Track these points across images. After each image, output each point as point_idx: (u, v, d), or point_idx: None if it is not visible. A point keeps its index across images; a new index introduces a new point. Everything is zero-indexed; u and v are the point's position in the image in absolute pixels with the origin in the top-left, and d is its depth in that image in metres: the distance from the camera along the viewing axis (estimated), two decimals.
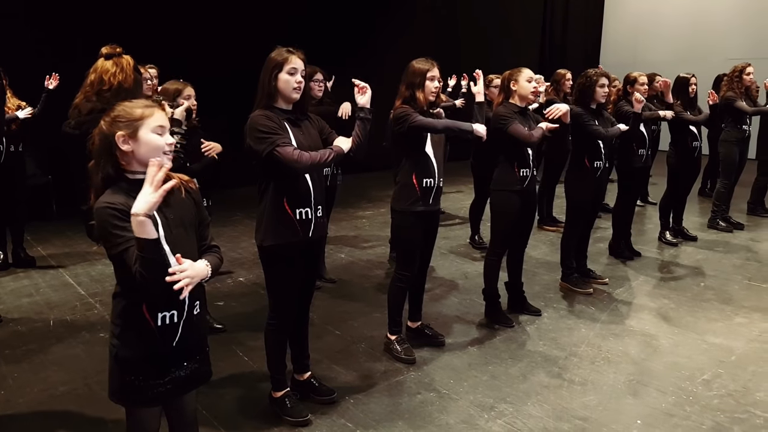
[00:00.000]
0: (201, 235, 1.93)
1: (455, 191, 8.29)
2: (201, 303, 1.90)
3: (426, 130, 3.18)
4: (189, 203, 1.88)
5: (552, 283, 4.66)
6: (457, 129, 3.24)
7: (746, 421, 2.82)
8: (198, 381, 1.95)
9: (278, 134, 2.47)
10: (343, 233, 6.16)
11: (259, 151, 2.47)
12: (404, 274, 3.36)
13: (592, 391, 3.09)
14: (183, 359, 1.85)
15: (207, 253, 1.90)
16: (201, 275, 1.75)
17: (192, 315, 1.85)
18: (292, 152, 2.45)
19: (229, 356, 3.41)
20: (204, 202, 3.36)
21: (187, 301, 1.81)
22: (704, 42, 12.11)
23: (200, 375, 1.94)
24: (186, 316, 1.82)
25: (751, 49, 11.06)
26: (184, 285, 1.66)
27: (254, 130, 2.48)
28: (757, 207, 7.02)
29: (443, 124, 3.22)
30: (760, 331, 3.84)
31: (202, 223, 1.93)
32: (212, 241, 1.96)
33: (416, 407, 2.91)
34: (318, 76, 4.14)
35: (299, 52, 2.57)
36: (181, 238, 1.79)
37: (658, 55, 12.35)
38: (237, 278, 4.75)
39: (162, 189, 1.58)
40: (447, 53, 10.22)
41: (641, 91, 4.96)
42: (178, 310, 1.80)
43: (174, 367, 1.83)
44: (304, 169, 2.51)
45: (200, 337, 1.94)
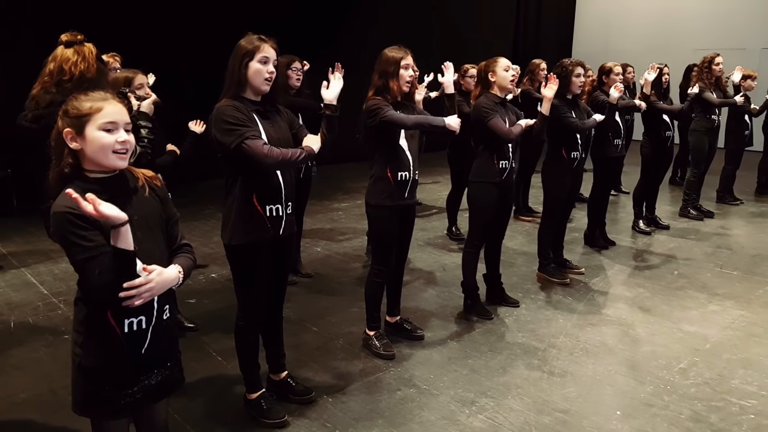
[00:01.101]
0: (170, 235, 1.82)
1: (432, 182, 8.24)
2: (171, 307, 1.80)
3: (396, 125, 3.08)
4: (154, 202, 1.77)
5: (529, 274, 4.65)
6: (429, 124, 3.17)
7: (723, 409, 2.84)
8: (169, 389, 1.85)
9: (247, 126, 2.36)
10: (319, 226, 6.07)
11: (226, 144, 2.35)
12: (381, 269, 3.30)
13: (572, 382, 3.08)
14: (153, 367, 1.76)
15: (178, 254, 1.80)
16: (170, 283, 1.67)
17: (161, 320, 1.74)
18: (261, 146, 2.34)
19: (201, 357, 3.31)
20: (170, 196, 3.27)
21: (156, 306, 1.71)
22: (673, 33, 12.28)
23: (172, 382, 1.85)
24: (155, 322, 1.72)
25: (718, 40, 11.24)
26: (140, 301, 1.58)
27: (221, 121, 2.36)
28: (725, 195, 7.14)
29: (414, 120, 3.12)
30: (733, 318, 3.89)
31: (170, 221, 1.82)
32: (183, 240, 1.86)
33: (396, 404, 2.86)
34: (296, 65, 4.01)
35: (272, 41, 2.46)
36: (147, 240, 1.68)
37: (628, 45, 12.48)
38: (209, 274, 4.63)
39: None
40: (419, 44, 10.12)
41: (617, 81, 4.97)
42: (146, 316, 1.70)
43: (143, 375, 1.73)
44: (273, 165, 2.40)
45: (171, 343, 1.84)
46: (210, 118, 2.42)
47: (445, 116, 3.22)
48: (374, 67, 3.17)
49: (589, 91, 5.08)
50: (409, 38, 3.90)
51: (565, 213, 4.59)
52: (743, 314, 3.95)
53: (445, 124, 3.15)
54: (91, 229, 1.55)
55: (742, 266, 4.90)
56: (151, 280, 1.59)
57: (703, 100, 5.95)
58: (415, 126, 3.15)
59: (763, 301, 4.16)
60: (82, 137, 1.61)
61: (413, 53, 3.16)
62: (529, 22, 13.32)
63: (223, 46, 2.72)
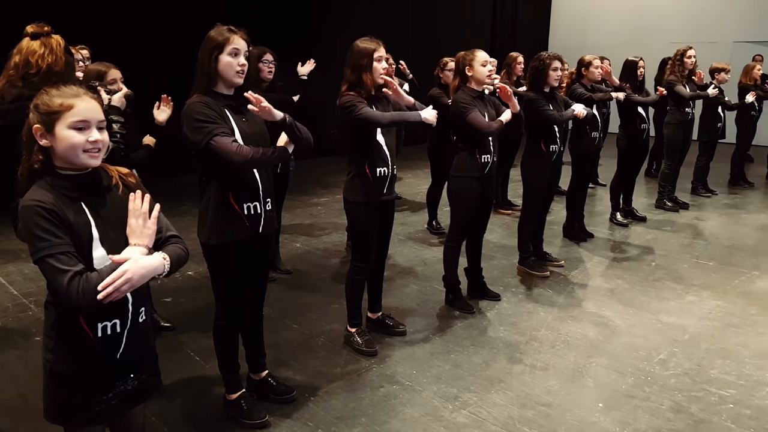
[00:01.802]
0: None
1: (411, 176, 8.21)
2: (147, 309, 1.73)
3: (371, 124, 3.00)
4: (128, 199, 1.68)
5: (509, 267, 4.65)
6: (405, 121, 3.12)
7: (702, 399, 2.87)
8: (146, 393, 1.79)
9: (216, 123, 2.28)
10: (298, 221, 6.00)
11: (196, 142, 2.28)
12: (361, 266, 3.26)
13: (554, 375, 3.08)
14: (129, 371, 1.69)
15: (166, 245, 1.69)
16: (152, 271, 1.55)
17: (137, 323, 1.68)
18: (230, 144, 2.26)
19: (179, 357, 3.24)
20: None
21: (131, 308, 1.64)
22: (648, 26, 12.43)
23: (148, 387, 1.78)
24: (130, 325, 1.65)
25: (692, 33, 11.40)
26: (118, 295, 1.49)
27: (191, 119, 2.28)
28: (699, 187, 7.24)
29: (389, 119, 3.03)
30: (710, 308, 3.93)
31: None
32: (170, 231, 1.74)
33: (379, 401, 2.83)
34: (267, 57, 3.91)
35: (242, 32, 2.37)
36: (122, 240, 1.61)
37: (604, 39, 12.58)
38: (186, 272, 4.54)
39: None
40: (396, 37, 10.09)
41: (596, 74, 4.99)
42: (120, 319, 1.63)
43: (118, 380, 1.67)
44: (243, 164, 2.29)
45: (148, 347, 1.78)
46: (180, 115, 2.34)
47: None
48: (346, 60, 3.06)
49: (567, 84, 5.09)
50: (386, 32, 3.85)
51: (545, 206, 4.60)
52: (720, 304, 3.99)
53: (421, 119, 3.09)
54: (61, 227, 1.48)
55: (718, 257, 4.97)
56: (126, 271, 1.49)
57: (675, 94, 6.01)
58: (391, 124, 3.07)
59: (738, 291, 4.22)
60: (51, 135, 1.53)
61: (386, 44, 3.09)
62: (506, 17, 13.36)
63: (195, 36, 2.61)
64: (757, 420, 2.70)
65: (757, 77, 7.27)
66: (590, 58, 5.00)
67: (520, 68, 5.91)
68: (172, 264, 1.62)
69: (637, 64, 5.47)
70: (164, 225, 1.75)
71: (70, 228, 1.51)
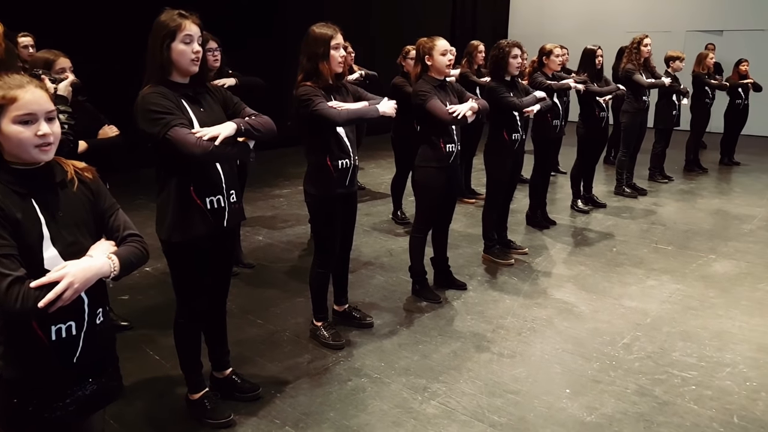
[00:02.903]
0: (110, 228, 1.64)
1: (375, 166, 8.15)
2: (105, 310, 1.64)
3: (327, 121, 2.88)
4: (83, 196, 1.60)
5: (474, 256, 4.66)
6: (362, 118, 3.01)
7: (666, 382, 2.92)
8: (106, 399, 1.70)
9: (173, 114, 2.18)
10: (260, 213, 5.88)
11: (153, 134, 2.17)
12: (324, 259, 3.20)
13: (521, 363, 3.09)
14: (87, 376, 1.60)
15: (123, 245, 1.61)
16: (96, 273, 1.47)
17: (94, 324, 1.59)
18: (188, 136, 2.15)
19: (138, 357, 3.12)
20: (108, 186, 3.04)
21: (87, 309, 1.55)
22: (604, 16, 12.62)
23: (108, 392, 1.70)
24: (87, 327, 1.56)
25: (647, 22, 11.61)
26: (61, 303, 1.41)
27: (146, 110, 2.18)
28: (656, 173, 7.40)
29: (345, 117, 2.91)
30: (670, 292, 4.01)
31: (105, 215, 1.64)
32: (128, 230, 1.65)
33: (347, 395, 2.79)
34: (211, 44, 3.72)
35: (194, 16, 2.25)
36: (75, 239, 1.52)
37: (562, 28, 12.71)
38: (143, 268, 4.36)
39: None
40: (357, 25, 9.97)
41: (557, 63, 5.02)
42: (76, 321, 1.53)
43: (76, 385, 1.58)
44: (203, 156, 2.18)
45: (107, 349, 1.69)
46: (134, 107, 2.22)
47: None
48: (302, 48, 2.94)
49: (529, 72, 5.10)
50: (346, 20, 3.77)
51: (508, 194, 4.61)
52: (679, 288, 4.08)
53: (379, 113, 2.99)
54: (6, 226, 1.38)
55: (676, 241, 5.08)
56: (65, 275, 1.40)
57: (633, 83, 6.10)
58: (347, 123, 2.96)
59: (696, 275, 4.32)
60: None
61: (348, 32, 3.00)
62: (466, 5, 13.37)
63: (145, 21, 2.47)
64: (718, 400, 2.76)
65: (710, 65, 7.45)
66: (551, 46, 5.02)
67: (481, 57, 5.90)
68: (122, 265, 1.53)
69: (595, 52, 5.53)
70: (122, 223, 1.66)
71: (16, 226, 1.41)
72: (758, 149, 9.55)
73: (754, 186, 7.26)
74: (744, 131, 8.49)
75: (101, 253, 1.52)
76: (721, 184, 7.47)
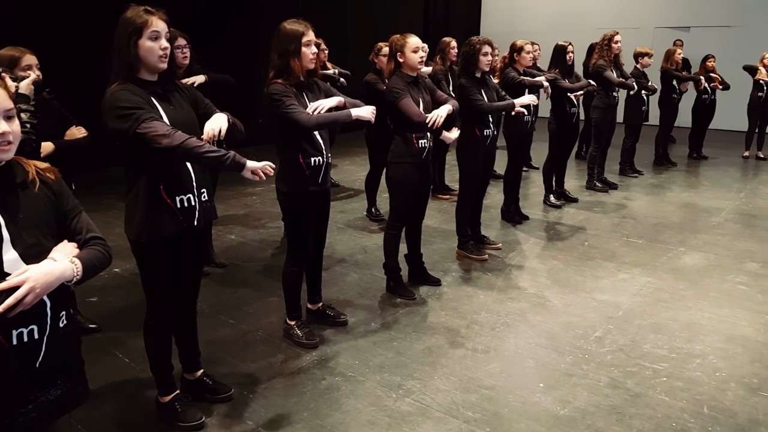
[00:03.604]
0: (71, 230, 1.59)
1: (349, 163, 8.11)
2: (68, 313, 1.58)
3: (297, 125, 2.84)
4: (45, 197, 1.55)
5: (448, 252, 4.66)
6: (334, 122, 2.97)
7: (637, 374, 2.95)
8: (71, 404, 1.64)
9: (143, 109, 2.14)
10: (233, 212, 5.80)
11: (123, 131, 2.12)
12: (297, 257, 3.17)
13: (495, 358, 3.10)
14: (50, 381, 1.55)
15: (85, 248, 1.57)
16: (58, 277, 1.43)
17: (58, 328, 1.53)
18: (160, 127, 2.11)
19: (106, 359, 3.06)
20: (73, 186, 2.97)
21: (50, 312, 1.50)
22: (575, 12, 12.74)
23: (73, 397, 1.64)
24: (50, 330, 1.51)
25: (617, 19, 11.77)
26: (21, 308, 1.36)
27: (114, 108, 2.12)
28: (626, 168, 7.50)
29: (315, 121, 2.86)
30: (641, 285, 4.06)
31: (68, 217, 1.60)
32: (91, 233, 1.61)
33: (321, 394, 2.76)
34: (180, 42, 3.67)
35: (160, 12, 2.21)
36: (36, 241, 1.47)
37: (534, 25, 12.81)
38: (112, 269, 4.30)
39: None
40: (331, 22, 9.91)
41: (528, 59, 5.04)
42: (38, 324, 1.48)
43: (39, 391, 1.52)
44: (177, 147, 2.13)
45: (71, 353, 1.63)
46: (101, 106, 2.16)
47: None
48: (273, 45, 2.90)
49: (500, 68, 5.12)
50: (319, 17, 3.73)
51: (481, 190, 4.62)
52: (650, 280, 4.13)
53: (353, 117, 2.93)
54: None
55: (646, 234, 5.15)
56: (26, 279, 1.36)
57: (604, 79, 6.16)
58: (317, 127, 2.91)
59: (667, 267, 4.38)
60: None
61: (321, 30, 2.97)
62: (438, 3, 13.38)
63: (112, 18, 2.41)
64: (688, 391, 2.80)
65: (678, 61, 7.57)
66: (522, 43, 5.05)
67: (454, 53, 5.90)
68: (85, 269, 1.50)
69: (566, 48, 5.57)
70: (85, 225, 1.62)
71: None
72: (725, 143, 9.73)
73: (722, 179, 7.40)
74: (711, 126, 8.65)
75: (64, 257, 1.48)
76: (690, 177, 7.60)
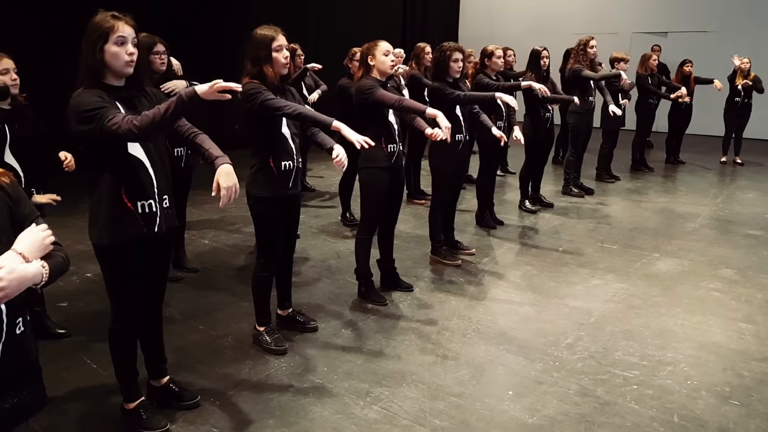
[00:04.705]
0: None
1: (324, 168, 8.08)
2: (24, 320, 1.56)
3: (276, 112, 2.84)
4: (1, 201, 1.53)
5: (422, 257, 4.66)
6: (313, 119, 2.94)
7: (608, 382, 2.94)
8: (27, 413, 1.63)
9: (107, 107, 2.12)
10: (207, 217, 5.75)
11: (89, 132, 2.11)
12: (266, 262, 3.15)
13: (465, 365, 3.09)
14: (5, 389, 1.53)
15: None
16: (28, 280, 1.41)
17: (14, 335, 1.51)
18: (124, 119, 2.08)
19: (74, 365, 3.01)
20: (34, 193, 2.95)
21: (6, 319, 1.47)
22: (552, 18, 12.85)
23: (30, 405, 1.62)
24: (5, 338, 1.49)
25: (594, 24, 11.88)
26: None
27: (78, 112, 2.12)
28: (602, 173, 7.55)
29: (294, 109, 2.84)
30: (614, 291, 4.08)
31: (26, 221, 1.57)
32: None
33: (288, 402, 2.74)
34: (159, 48, 3.65)
35: (127, 17, 2.21)
36: None
37: (511, 30, 12.90)
38: (84, 274, 4.25)
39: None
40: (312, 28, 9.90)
41: (499, 64, 5.05)
42: None
43: None
44: (146, 134, 2.10)
45: (27, 362, 1.61)
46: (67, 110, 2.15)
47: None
48: (245, 52, 2.92)
49: (472, 74, 5.14)
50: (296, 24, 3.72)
51: (454, 195, 4.63)
52: (623, 287, 4.15)
53: (331, 125, 2.89)
54: None
55: (621, 240, 5.18)
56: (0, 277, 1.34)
57: (582, 79, 6.19)
58: (296, 116, 2.88)
59: (641, 273, 4.40)
60: None
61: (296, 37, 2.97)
62: (416, 8, 13.43)
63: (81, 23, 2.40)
64: (659, 399, 2.79)
65: (653, 67, 7.65)
66: (492, 48, 5.06)
67: (429, 58, 5.90)
68: (50, 275, 1.48)
69: (540, 53, 5.60)
70: None
71: None
72: (703, 148, 9.82)
73: (699, 184, 7.48)
74: (689, 131, 8.74)
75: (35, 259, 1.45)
76: (667, 183, 7.68)
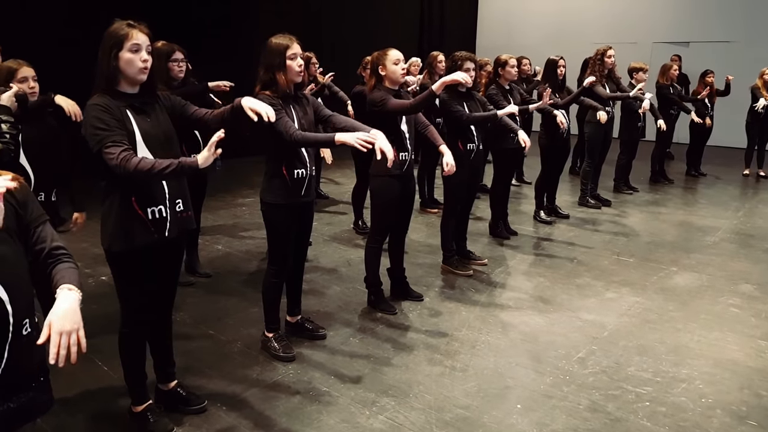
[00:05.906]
0: (37, 238, 1.60)
1: (339, 175, 8.10)
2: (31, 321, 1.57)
3: (281, 136, 2.83)
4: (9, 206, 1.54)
5: (433, 266, 4.63)
6: (315, 143, 2.94)
7: (619, 398, 2.88)
8: (33, 413, 1.64)
9: (109, 131, 2.17)
10: (221, 222, 5.79)
11: (91, 147, 2.19)
12: (277, 269, 3.15)
13: (473, 377, 3.05)
14: (12, 389, 1.54)
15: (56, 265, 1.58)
16: (73, 312, 1.48)
17: (20, 336, 1.52)
18: (118, 155, 2.14)
19: (86, 367, 3.03)
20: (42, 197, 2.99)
21: (12, 320, 1.49)
22: (571, 28, 12.77)
23: (36, 406, 1.64)
24: (12, 339, 1.50)
25: (614, 33, 11.80)
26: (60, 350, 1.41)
27: (88, 124, 2.20)
28: (621, 184, 7.46)
29: (298, 137, 2.82)
30: (629, 305, 4.00)
31: (32, 225, 1.60)
32: (55, 242, 1.62)
33: (294, 409, 2.73)
34: (177, 55, 3.73)
35: (141, 25, 2.27)
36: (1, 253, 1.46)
37: (529, 39, 12.86)
38: (99, 277, 4.29)
39: None
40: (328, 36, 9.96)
41: (512, 73, 5.02)
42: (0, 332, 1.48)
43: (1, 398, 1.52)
44: (132, 177, 2.16)
45: (35, 362, 1.62)
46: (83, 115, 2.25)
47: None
48: (261, 60, 2.95)
49: (485, 83, 5.12)
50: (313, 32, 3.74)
51: (467, 205, 4.60)
52: (638, 300, 4.07)
53: (336, 143, 2.81)
54: None
55: (638, 253, 5.09)
56: (59, 333, 1.43)
57: (595, 94, 6.13)
58: (298, 143, 2.87)
59: (657, 287, 4.32)
60: None
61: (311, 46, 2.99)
62: (433, 17, 13.43)
63: None
64: (671, 417, 2.73)
65: (673, 77, 7.55)
66: (506, 57, 5.04)
67: (441, 67, 5.88)
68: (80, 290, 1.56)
69: (557, 63, 5.56)
70: (49, 234, 1.62)
71: None
72: (725, 160, 9.65)
73: (719, 197, 7.33)
74: (710, 142, 8.58)
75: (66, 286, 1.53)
76: (687, 195, 7.55)
